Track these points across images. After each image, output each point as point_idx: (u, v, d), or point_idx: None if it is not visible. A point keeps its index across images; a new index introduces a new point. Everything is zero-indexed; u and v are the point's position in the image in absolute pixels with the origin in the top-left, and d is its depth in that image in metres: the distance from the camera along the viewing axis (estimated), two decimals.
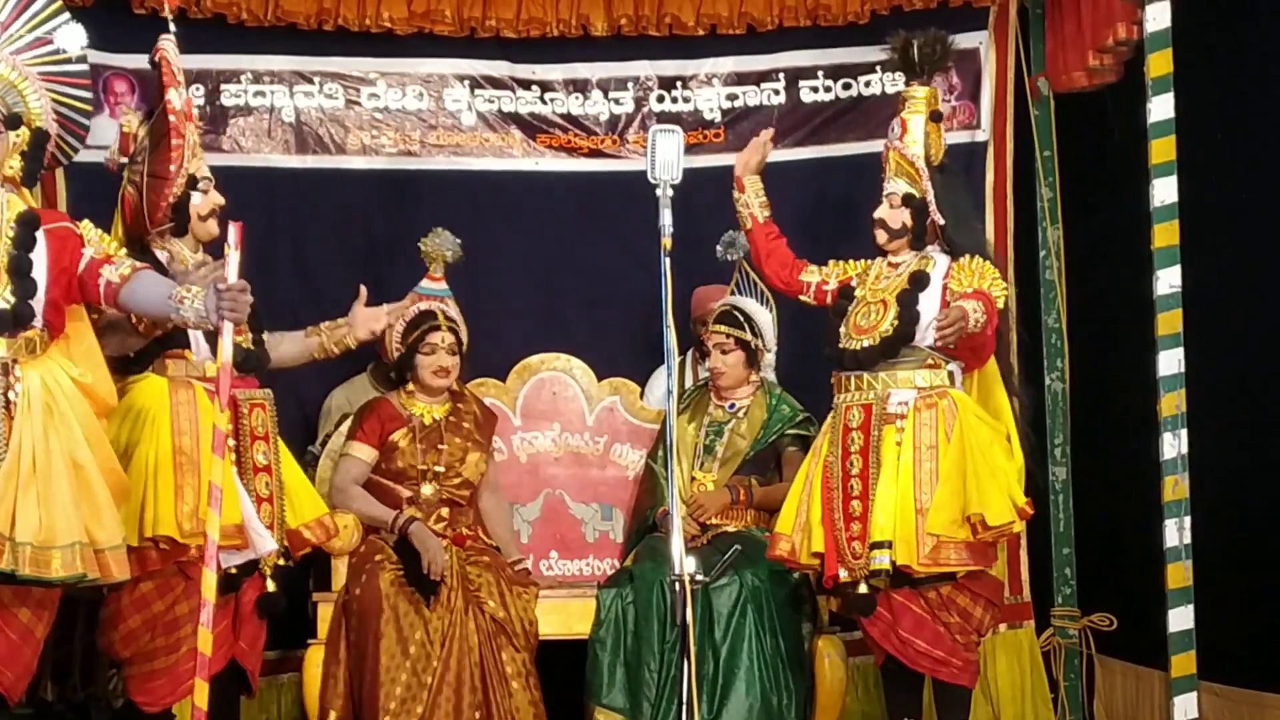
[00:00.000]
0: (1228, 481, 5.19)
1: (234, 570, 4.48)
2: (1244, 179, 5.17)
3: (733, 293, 5.61)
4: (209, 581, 4.02)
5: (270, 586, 4.65)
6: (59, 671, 5.34)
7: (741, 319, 5.47)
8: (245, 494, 4.50)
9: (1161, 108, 5.27)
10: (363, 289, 5.14)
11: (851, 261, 4.98)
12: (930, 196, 4.76)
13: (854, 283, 4.90)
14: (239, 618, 4.60)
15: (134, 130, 4.62)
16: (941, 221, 4.77)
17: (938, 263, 4.77)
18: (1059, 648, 5.99)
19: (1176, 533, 5.20)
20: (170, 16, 4.74)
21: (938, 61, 4.88)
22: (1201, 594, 5.18)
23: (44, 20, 4.14)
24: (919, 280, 4.72)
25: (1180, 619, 5.21)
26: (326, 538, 4.83)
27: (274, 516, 4.60)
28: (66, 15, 4.18)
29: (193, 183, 4.55)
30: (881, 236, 4.83)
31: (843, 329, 4.81)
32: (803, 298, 5.05)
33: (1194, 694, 5.17)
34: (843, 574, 4.63)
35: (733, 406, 5.52)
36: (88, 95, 4.24)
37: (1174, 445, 5.22)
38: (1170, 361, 5.24)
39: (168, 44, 4.59)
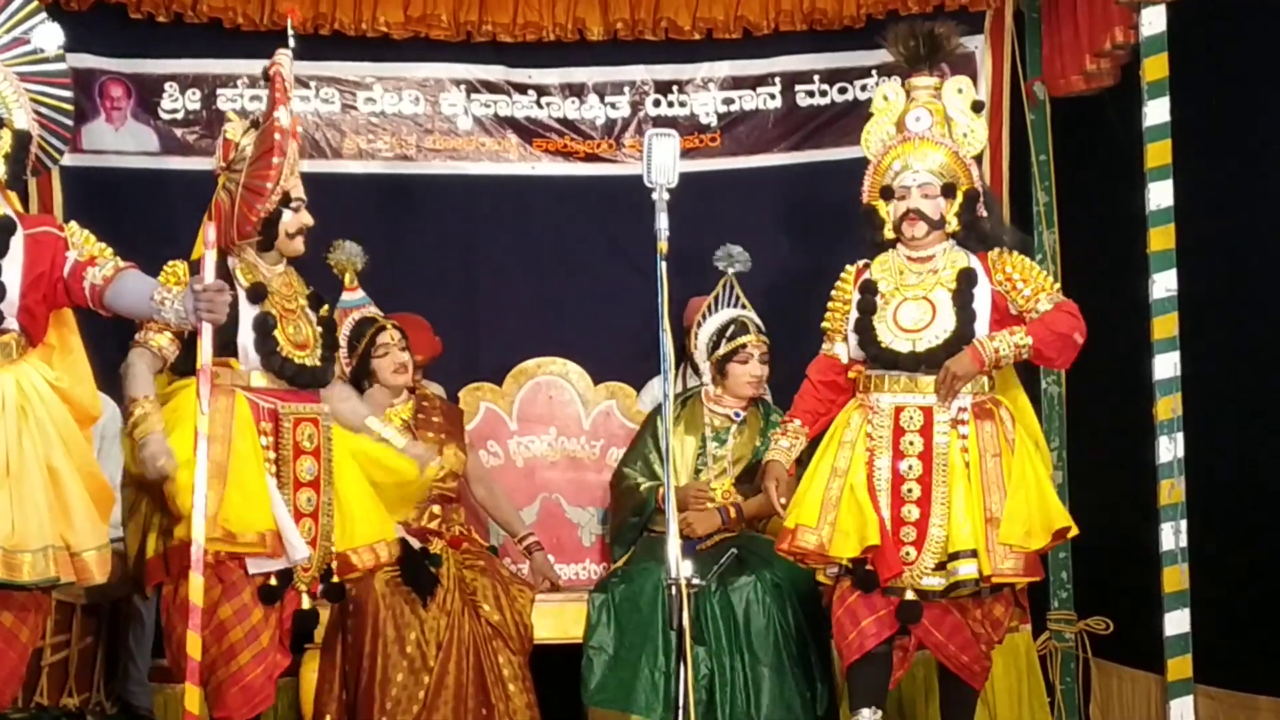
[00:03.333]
0: (1224, 485, 5.19)
1: (274, 581, 4.36)
2: (1240, 182, 5.17)
3: (712, 304, 5.58)
4: (196, 585, 4.01)
5: (305, 603, 4.50)
6: (55, 677, 5.32)
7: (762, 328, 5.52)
8: (282, 503, 4.36)
9: (1157, 112, 5.27)
10: None
11: (836, 294, 4.76)
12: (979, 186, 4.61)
13: (872, 276, 4.65)
14: (282, 632, 4.46)
15: (237, 139, 4.52)
16: (984, 214, 4.63)
17: (970, 258, 4.59)
18: (1055, 651, 5.98)
19: (1173, 536, 5.20)
20: (291, 32, 4.65)
21: (939, 47, 4.71)
22: (1198, 597, 5.18)
23: (21, 20, 4.12)
24: (969, 278, 4.54)
25: (1177, 622, 5.20)
26: (376, 565, 4.61)
27: (315, 534, 4.42)
28: (44, 15, 4.16)
29: (285, 200, 4.44)
30: (920, 229, 4.57)
31: (880, 325, 4.58)
32: (851, 374, 4.74)
33: (1190, 697, 5.17)
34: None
35: (738, 415, 5.54)
36: (68, 94, 4.21)
37: (1170, 448, 5.22)
38: (1166, 365, 5.24)
39: (284, 58, 4.51)
